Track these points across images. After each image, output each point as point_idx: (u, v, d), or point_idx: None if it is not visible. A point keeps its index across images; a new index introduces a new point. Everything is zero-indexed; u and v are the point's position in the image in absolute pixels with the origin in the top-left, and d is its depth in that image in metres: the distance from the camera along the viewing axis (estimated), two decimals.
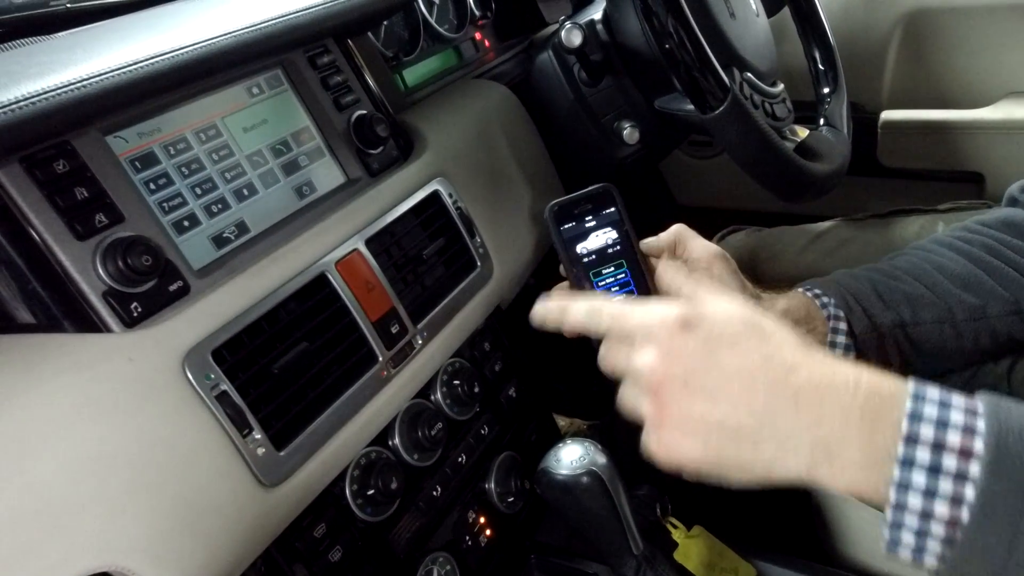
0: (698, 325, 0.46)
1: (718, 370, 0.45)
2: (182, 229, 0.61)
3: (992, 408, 0.40)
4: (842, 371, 0.43)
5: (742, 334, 0.46)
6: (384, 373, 0.68)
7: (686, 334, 0.46)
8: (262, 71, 0.71)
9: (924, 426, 0.39)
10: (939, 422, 0.39)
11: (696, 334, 0.46)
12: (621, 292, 0.70)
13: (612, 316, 0.51)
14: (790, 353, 0.45)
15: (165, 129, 0.62)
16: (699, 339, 0.46)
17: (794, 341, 0.46)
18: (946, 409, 0.40)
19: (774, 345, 0.45)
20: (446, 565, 0.76)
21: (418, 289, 0.75)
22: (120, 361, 0.51)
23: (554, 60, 1.00)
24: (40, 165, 0.52)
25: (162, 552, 0.50)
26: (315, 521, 0.64)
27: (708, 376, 0.45)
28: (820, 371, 0.43)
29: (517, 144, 0.95)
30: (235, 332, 0.58)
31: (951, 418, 0.39)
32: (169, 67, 0.57)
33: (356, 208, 0.71)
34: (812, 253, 0.98)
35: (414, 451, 0.74)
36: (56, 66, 0.54)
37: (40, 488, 0.45)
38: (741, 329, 0.46)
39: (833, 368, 0.44)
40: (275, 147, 0.70)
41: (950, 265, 0.72)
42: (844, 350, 0.69)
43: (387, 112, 0.82)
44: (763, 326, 0.46)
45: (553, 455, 0.67)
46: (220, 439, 0.55)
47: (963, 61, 1.30)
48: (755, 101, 0.86)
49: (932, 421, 0.39)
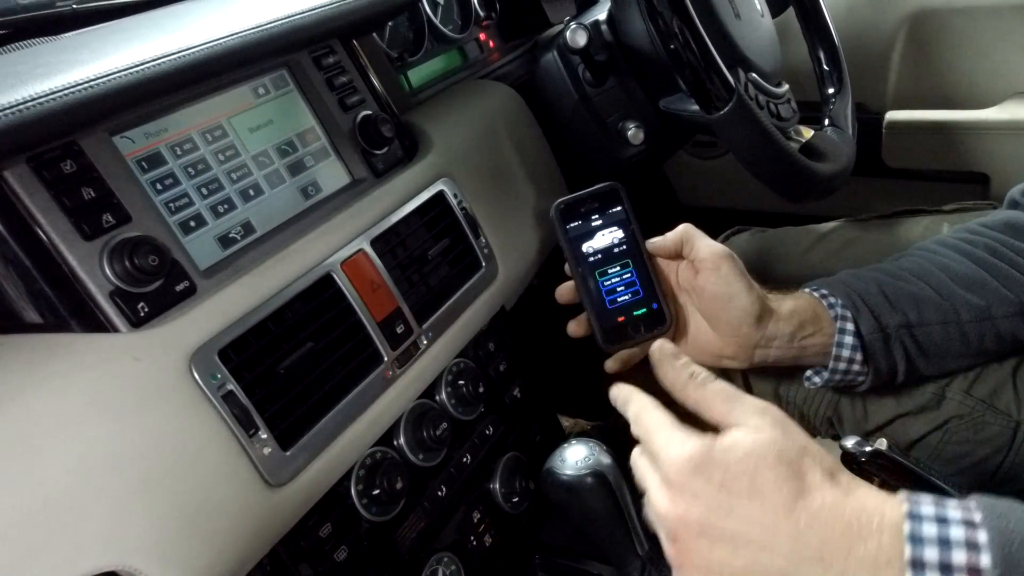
0: (714, 469, 0.44)
1: (736, 518, 0.43)
2: (188, 229, 0.61)
3: (991, 517, 0.39)
4: (867, 511, 0.41)
5: (762, 479, 0.43)
6: (389, 373, 0.68)
7: (700, 478, 0.44)
8: (268, 72, 0.71)
9: (928, 549, 0.39)
10: (941, 540, 0.39)
11: (712, 478, 0.44)
12: (627, 292, 0.70)
13: (645, 429, 0.50)
14: (815, 498, 0.42)
15: (172, 129, 0.62)
16: (715, 484, 0.44)
17: (816, 478, 0.43)
18: (945, 526, 0.39)
19: (795, 489, 0.43)
20: (451, 565, 0.76)
21: (423, 289, 0.75)
22: (127, 361, 0.51)
23: (559, 60, 1.00)
24: (47, 165, 0.53)
25: (168, 551, 0.50)
26: (321, 521, 0.64)
27: (726, 525, 0.43)
28: (846, 515, 0.41)
29: (521, 145, 0.95)
30: (241, 332, 0.58)
31: (951, 535, 0.39)
32: (175, 68, 0.57)
33: (361, 208, 0.71)
34: (817, 254, 0.98)
35: (419, 451, 0.74)
36: (63, 66, 0.54)
37: (47, 487, 0.45)
38: (761, 473, 0.43)
39: (859, 506, 0.41)
40: (281, 147, 0.70)
41: (955, 266, 0.72)
42: (851, 350, 0.69)
43: (392, 112, 0.82)
44: (783, 467, 0.43)
45: (558, 455, 0.67)
46: (226, 439, 0.55)
47: (968, 61, 1.30)
48: (760, 102, 0.86)
49: (934, 541, 0.39)
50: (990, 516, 0.39)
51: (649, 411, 0.51)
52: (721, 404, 0.48)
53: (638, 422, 0.51)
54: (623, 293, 0.70)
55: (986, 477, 0.75)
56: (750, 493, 0.43)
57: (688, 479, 0.45)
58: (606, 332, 0.69)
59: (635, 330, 0.69)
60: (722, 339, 0.69)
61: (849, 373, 0.71)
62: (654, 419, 0.50)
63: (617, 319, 0.69)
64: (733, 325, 0.68)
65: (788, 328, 0.69)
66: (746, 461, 0.44)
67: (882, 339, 0.69)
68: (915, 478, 0.58)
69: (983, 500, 0.41)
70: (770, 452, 0.44)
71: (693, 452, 0.45)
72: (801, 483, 0.43)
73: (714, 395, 0.48)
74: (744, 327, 0.68)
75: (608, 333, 0.69)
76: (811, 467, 0.44)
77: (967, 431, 0.75)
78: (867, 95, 1.35)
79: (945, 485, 0.57)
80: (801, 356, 0.71)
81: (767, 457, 0.44)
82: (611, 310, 0.69)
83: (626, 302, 0.69)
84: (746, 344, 0.69)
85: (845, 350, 0.69)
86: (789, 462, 0.43)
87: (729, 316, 0.68)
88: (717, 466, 0.44)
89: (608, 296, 0.69)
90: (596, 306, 0.69)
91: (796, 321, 0.69)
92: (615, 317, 0.69)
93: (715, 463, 0.44)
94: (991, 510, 0.40)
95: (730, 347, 0.69)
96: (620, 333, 0.69)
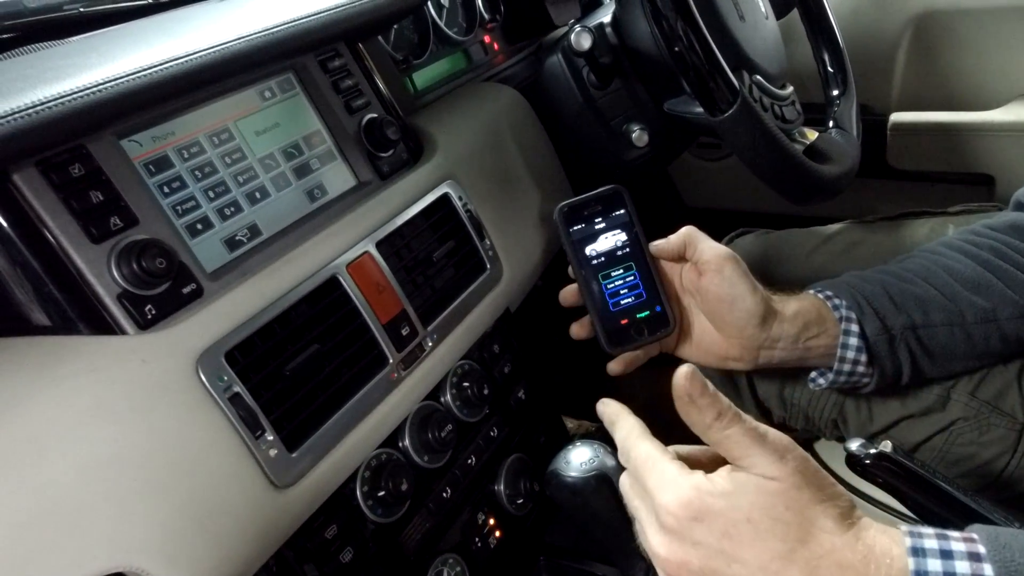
0: (714, 517, 0.43)
1: (740, 565, 0.42)
2: (195, 232, 0.61)
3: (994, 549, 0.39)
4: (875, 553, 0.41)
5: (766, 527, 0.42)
6: (395, 375, 0.68)
7: (700, 526, 0.43)
8: (274, 75, 0.71)
9: None
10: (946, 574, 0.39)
11: (713, 527, 0.43)
12: (630, 294, 0.70)
13: (635, 465, 0.49)
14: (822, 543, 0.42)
15: (179, 133, 0.62)
16: (716, 533, 0.43)
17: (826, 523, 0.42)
18: (950, 560, 0.39)
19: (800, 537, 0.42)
20: (456, 567, 0.76)
21: (428, 291, 0.75)
22: (134, 363, 0.52)
23: (563, 63, 1.00)
24: (56, 168, 0.53)
25: (175, 552, 0.50)
26: (326, 522, 0.65)
27: (730, 572, 0.43)
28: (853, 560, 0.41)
29: (526, 147, 0.95)
30: (247, 334, 0.58)
31: (957, 570, 0.39)
32: (183, 71, 0.57)
33: (367, 211, 0.72)
34: (821, 255, 0.98)
35: (424, 453, 0.74)
36: (71, 70, 0.54)
37: (55, 489, 0.46)
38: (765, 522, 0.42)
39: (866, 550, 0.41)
40: (287, 150, 0.70)
41: (959, 268, 0.72)
42: (856, 352, 0.69)
43: (397, 115, 0.83)
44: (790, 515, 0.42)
45: (562, 457, 0.67)
46: (233, 440, 0.55)
47: (973, 63, 1.30)
48: (764, 104, 0.86)
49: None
50: (994, 548, 0.39)
51: (636, 442, 0.49)
52: (738, 449, 0.44)
53: (625, 453, 0.50)
54: (626, 296, 0.70)
55: (991, 479, 0.75)
56: (753, 540, 0.42)
57: (687, 526, 0.44)
58: (609, 334, 0.69)
59: (638, 332, 0.69)
60: (726, 341, 0.70)
61: (854, 375, 0.71)
62: (642, 452, 0.48)
63: (620, 321, 0.69)
64: (737, 327, 0.68)
65: (792, 329, 0.69)
66: (749, 509, 0.43)
67: (887, 340, 0.69)
68: (920, 480, 0.58)
69: (985, 530, 0.41)
70: (778, 501, 0.42)
71: (691, 498, 0.44)
72: (808, 530, 0.42)
73: (736, 440, 0.44)
74: (748, 329, 0.68)
75: (611, 335, 0.69)
76: (821, 513, 0.42)
77: (972, 433, 0.75)
78: (872, 97, 1.35)
79: (950, 488, 0.57)
80: (806, 357, 0.71)
81: (775, 506, 0.42)
82: (614, 312, 0.69)
83: (629, 304, 0.70)
84: (750, 346, 0.69)
85: (850, 351, 0.69)
86: (798, 510, 0.42)
87: (733, 318, 0.68)
88: (717, 514, 0.43)
89: (611, 298, 0.70)
90: (599, 308, 0.70)
91: (800, 322, 0.69)
92: (618, 319, 0.69)
93: (714, 511, 0.43)
94: (994, 541, 0.39)
95: (734, 349, 0.70)
96: (623, 335, 0.69)
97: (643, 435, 0.50)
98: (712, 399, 0.45)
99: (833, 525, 0.42)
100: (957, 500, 0.56)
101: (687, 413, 0.46)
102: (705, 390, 0.45)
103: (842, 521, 0.42)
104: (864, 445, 0.59)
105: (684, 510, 0.44)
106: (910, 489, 0.58)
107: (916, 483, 0.58)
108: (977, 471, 0.76)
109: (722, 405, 0.45)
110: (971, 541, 0.40)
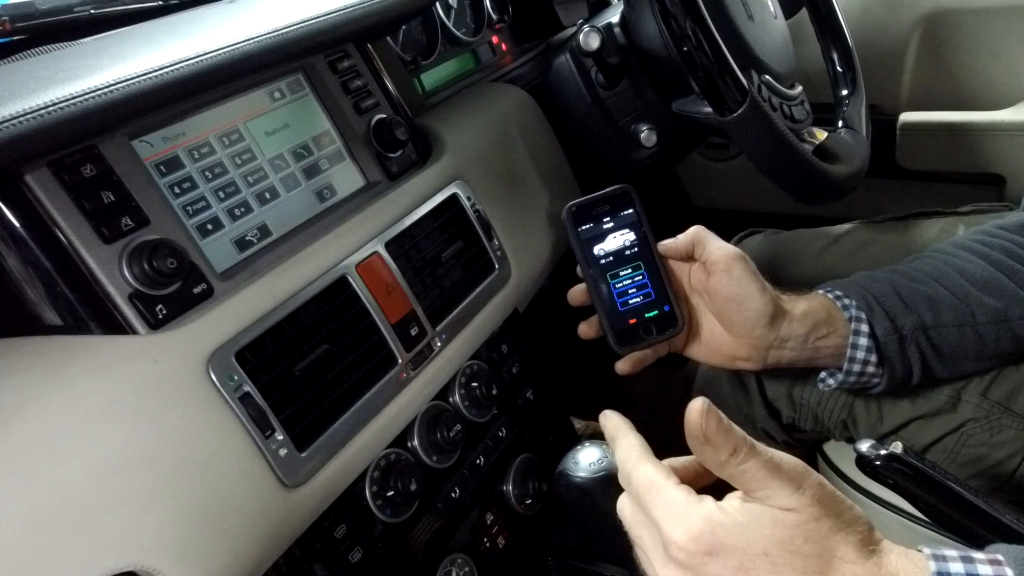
0: (728, 551, 0.41)
1: None
2: (206, 232, 0.62)
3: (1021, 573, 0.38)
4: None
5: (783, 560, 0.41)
6: (404, 375, 0.68)
7: (715, 561, 0.41)
8: (284, 76, 0.71)
9: None
10: None
11: (728, 561, 0.41)
12: (638, 294, 0.70)
13: (636, 491, 0.46)
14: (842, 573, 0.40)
15: (189, 133, 0.63)
16: (731, 568, 0.41)
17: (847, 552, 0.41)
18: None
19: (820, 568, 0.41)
20: (464, 567, 0.76)
21: (437, 292, 0.75)
22: (145, 363, 0.52)
23: (571, 63, 1.00)
24: (68, 169, 0.53)
25: (186, 551, 0.50)
26: (336, 522, 0.65)
27: None
28: None
29: (534, 147, 0.95)
30: (258, 334, 0.58)
31: None
32: (194, 72, 0.57)
33: (376, 211, 0.72)
34: (831, 256, 0.98)
35: (433, 453, 0.74)
36: (83, 71, 0.55)
37: (66, 488, 0.46)
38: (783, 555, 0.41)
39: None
40: (296, 151, 0.71)
41: (970, 268, 0.71)
42: (866, 352, 0.69)
43: (406, 116, 0.83)
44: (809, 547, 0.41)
45: (571, 457, 0.67)
46: (243, 440, 0.55)
47: (983, 62, 1.29)
48: (773, 103, 0.86)
49: None
50: (1021, 570, 0.38)
51: (637, 464, 0.47)
52: (754, 483, 0.42)
53: (626, 475, 0.47)
54: (635, 295, 0.70)
55: (1003, 480, 0.75)
56: (771, 574, 0.41)
57: (700, 561, 0.42)
58: (618, 334, 0.69)
59: (647, 332, 0.69)
60: (735, 341, 0.69)
61: (864, 375, 0.71)
62: (644, 477, 0.46)
63: (629, 321, 0.69)
64: (746, 327, 0.68)
65: (802, 329, 0.68)
66: (767, 543, 0.41)
67: (897, 341, 0.69)
68: (931, 482, 0.57)
69: (1012, 551, 0.40)
70: (796, 534, 0.41)
71: (702, 530, 0.42)
72: (829, 560, 0.41)
73: (752, 475, 0.42)
74: (757, 328, 0.67)
75: (620, 335, 0.69)
76: (841, 542, 0.41)
77: (983, 434, 0.75)
78: (881, 96, 1.35)
79: (962, 490, 0.56)
80: (815, 358, 0.71)
81: (793, 540, 0.41)
82: (623, 312, 0.69)
83: (638, 304, 0.69)
84: (760, 345, 0.69)
85: (860, 352, 0.69)
86: (818, 541, 0.41)
87: (742, 318, 0.68)
88: (732, 548, 0.41)
89: (620, 298, 0.70)
90: (608, 308, 0.70)
91: (810, 322, 0.69)
92: (627, 319, 0.69)
93: (728, 545, 0.41)
94: (1021, 564, 0.39)
95: (743, 349, 0.69)
96: (632, 335, 0.69)
97: (644, 456, 0.47)
98: (726, 435, 0.43)
99: (854, 554, 0.41)
100: (969, 502, 0.56)
101: (700, 452, 0.44)
102: (720, 425, 0.43)
103: (863, 548, 0.41)
104: (874, 446, 0.59)
105: (695, 544, 0.42)
106: (921, 491, 0.57)
107: (927, 485, 0.57)
108: (989, 472, 0.75)
109: (737, 439, 0.43)
110: (997, 563, 0.39)
